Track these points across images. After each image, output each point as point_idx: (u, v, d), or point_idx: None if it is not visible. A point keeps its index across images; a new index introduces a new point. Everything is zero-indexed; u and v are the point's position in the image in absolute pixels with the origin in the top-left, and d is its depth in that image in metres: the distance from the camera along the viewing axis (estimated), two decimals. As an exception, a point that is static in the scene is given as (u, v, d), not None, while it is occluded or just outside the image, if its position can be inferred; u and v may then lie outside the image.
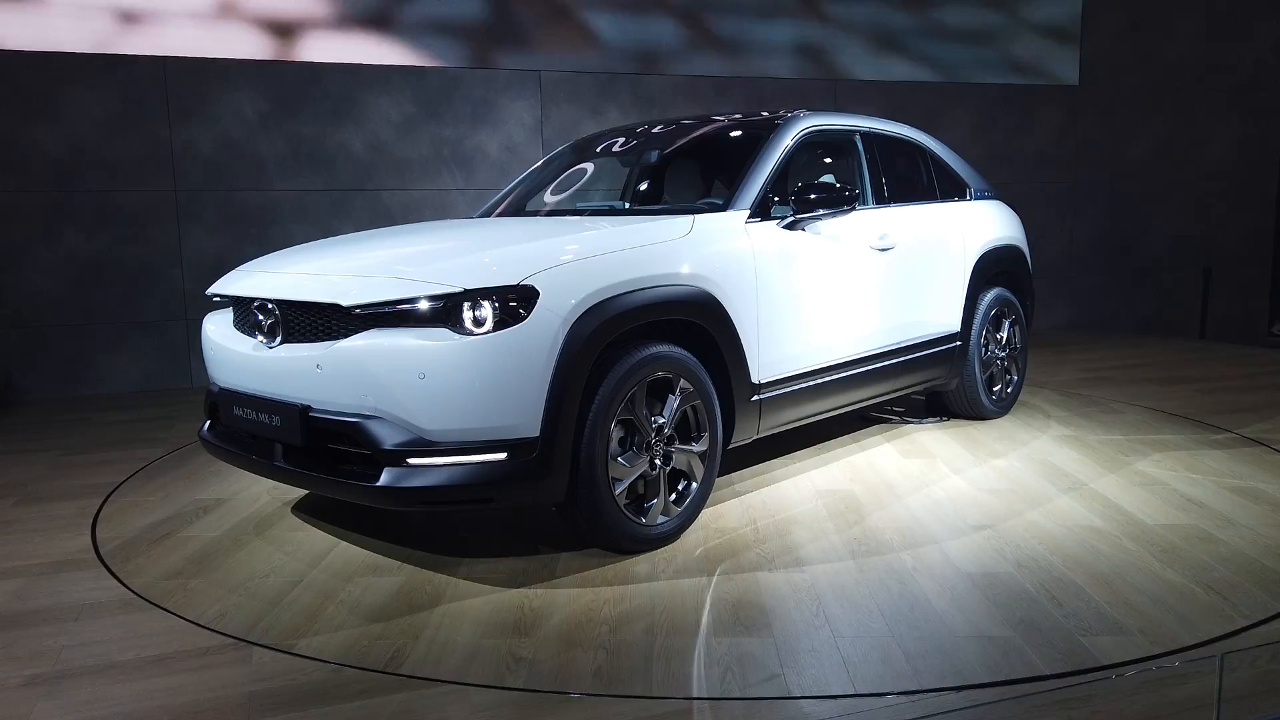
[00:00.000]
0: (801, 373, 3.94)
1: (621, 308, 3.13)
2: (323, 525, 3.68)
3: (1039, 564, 3.16)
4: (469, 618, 2.84)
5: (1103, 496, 3.85)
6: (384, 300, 2.97)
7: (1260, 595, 2.88)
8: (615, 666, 2.52)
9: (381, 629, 2.77)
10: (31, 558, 3.42)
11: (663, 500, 3.35)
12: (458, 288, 2.92)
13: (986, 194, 5.36)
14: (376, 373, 2.93)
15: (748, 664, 2.52)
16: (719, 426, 3.54)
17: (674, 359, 3.32)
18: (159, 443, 5.11)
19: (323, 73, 6.90)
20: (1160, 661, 2.52)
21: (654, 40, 7.74)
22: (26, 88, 6.24)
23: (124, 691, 2.43)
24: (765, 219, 3.82)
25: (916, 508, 3.77)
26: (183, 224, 6.68)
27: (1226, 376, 6.46)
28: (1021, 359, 5.44)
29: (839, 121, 4.49)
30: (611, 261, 3.20)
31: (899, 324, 4.50)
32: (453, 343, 2.88)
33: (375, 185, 7.11)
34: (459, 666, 2.54)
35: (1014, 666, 2.48)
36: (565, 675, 2.48)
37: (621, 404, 3.17)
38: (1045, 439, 4.82)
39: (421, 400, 2.89)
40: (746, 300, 3.62)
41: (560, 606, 2.91)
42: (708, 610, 2.86)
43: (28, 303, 6.38)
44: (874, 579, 3.07)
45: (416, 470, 2.92)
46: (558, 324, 2.97)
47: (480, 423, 2.91)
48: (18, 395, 6.38)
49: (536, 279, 2.97)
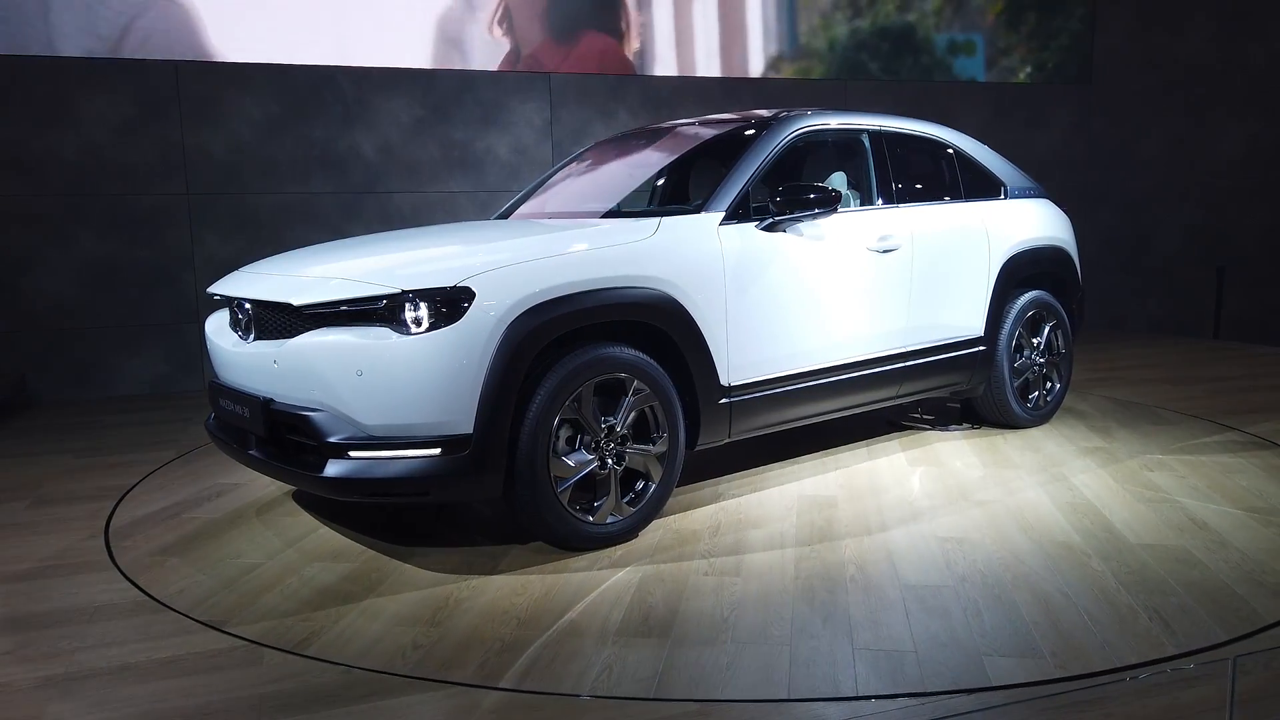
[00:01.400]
0: (780, 376, 3.88)
1: (564, 309, 3.19)
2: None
3: (986, 580, 3.06)
4: (393, 606, 2.96)
5: (1096, 512, 3.70)
6: (329, 300, 3.13)
7: (1209, 624, 2.73)
8: (500, 661, 2.58)
9: (310, 612, 2.92)
10: (45, 559, 3.45)
11: (613, 500, 3.38)
12: (396, 289, 3.04)
13: (1029, 193, 5.15)
14: (320, 369, 3.09)
15: (627, 665, 2.54)
16: (680, 428, 3.55)
17: (625, 360, 3.35)
18: (172, 445, 5.14)
19: (333, 76, 6.93)
20: (1173, 664, 2.51)
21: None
22: (41, 93, 6.29)
23: (136, 693, 2.44)
24: (744, 221, 3.79)
25: (891, 517, 3.69)
26: (195, 227, 6.71)
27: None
28: (1064, 366, 5.19)
29: (843, 120, 4.40)
30: (557, 264, 3.26)
31: (903, 328, 4.38)
32: (389, 341, 3.02)
33: (386, 188, 7.14)
34: (359, 652, 2.65)
35: (895, 682, 2.42)
36: (451, 666, 2.56)
37: (565, 404, 3.22)
38: (1070, 449, 4.64)
39: (360, 396, 3.03)
40: (714, 303, 3.61)
41: (484, 598, 3.01)
42: (624, 610, 2.90)
43: (42, 306, 6.43)
44: (805, 588, 3.04)
45: (357, 463, 3.06)
46: (492, 325, 3.05)
47: (414, 419, 3.03)
48: (32, 398, 6.43)
49: (473, 281, 3.07)
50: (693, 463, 4.51)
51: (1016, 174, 5.17)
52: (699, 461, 4.52)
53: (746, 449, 4.72)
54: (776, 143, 4.04)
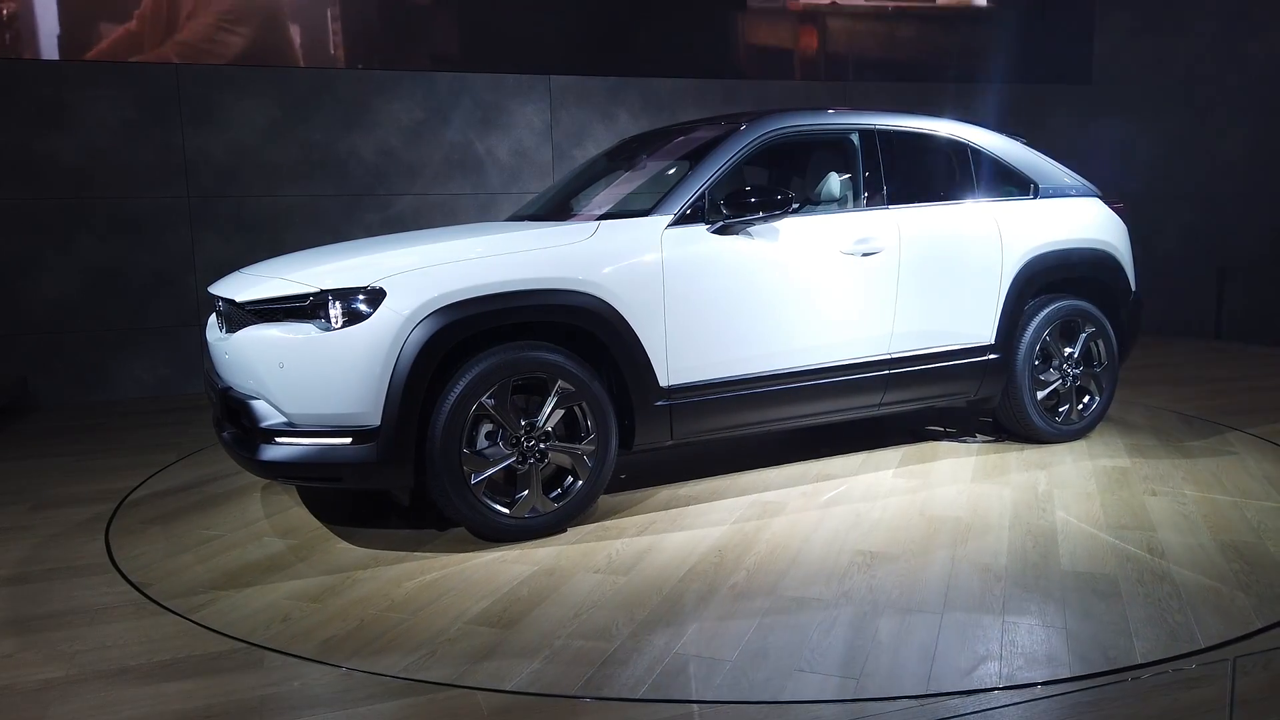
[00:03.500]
0: (728, 380, 3.85)
1: (477, 310, 3.35)
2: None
3: (869, 599, 2.93)
4: (292, 583, 3.20)
5: (1048, 535, 3.46)
6: (265, 298, 3.42)
7: (1016, 662, 2.53)
8: (348, 639, 2.75)
9: (223, 582, 3.18)
10: (46, 562, 3.45)
11: (534, 495, 3.50)
12: (317, 288, 3.30)
13: (1071, 191, 4.84)
14: (253, 360, 3.38)
15: (455, 652, 2.65)
16: (610, 429, 3.62)
17: (545, 361, 3.47)
18: (173, 447, 5.15)
19: (333, 78, 6.94)
20: (1173, 664, 2.51)
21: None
22: (42, 97, 6.30)
23: (137, 695, 2.45)
24: (695, 224, 3.79)
25: (826, 531, 3.56)
26: (196, 230, 6.72)
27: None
28: (1106, 378, 4.81)
29: (824, 121, 4.29)
30: (473, 267, 3.42)
31: (886, 333, 4.21)
32: (308, 336, 3.28)
33: (386, 190, 7.14)
34: (233, 621, 2.86)
35: (686, 690, 2.40)
36: (302, 641, 2.74)
37: (480, 401, 3.36)
38: (1081, 466, 4.32)
39: (283, 386, 3.30)
40: (650, 305, 3.64)
41: (376, 580, 3.20)
42: (490, 601, 3.01)
43: (43, 309, 6.43)
44: (678, 592, 3.05)
45: (282, 448, 3.33)
46: (400, 323, 3.25)
47: (327, 409, 3.27)
48: (33, 401, 6.43)
49: (387, 281, 3.29)
50: (670, 462, 4.54)
51: (1057, 171, 4.89)
52: (676, 461, 4.54)
53: (729, 451, 4.71)
54: (741, 146, 4.01)
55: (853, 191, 4.34)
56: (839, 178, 4.39)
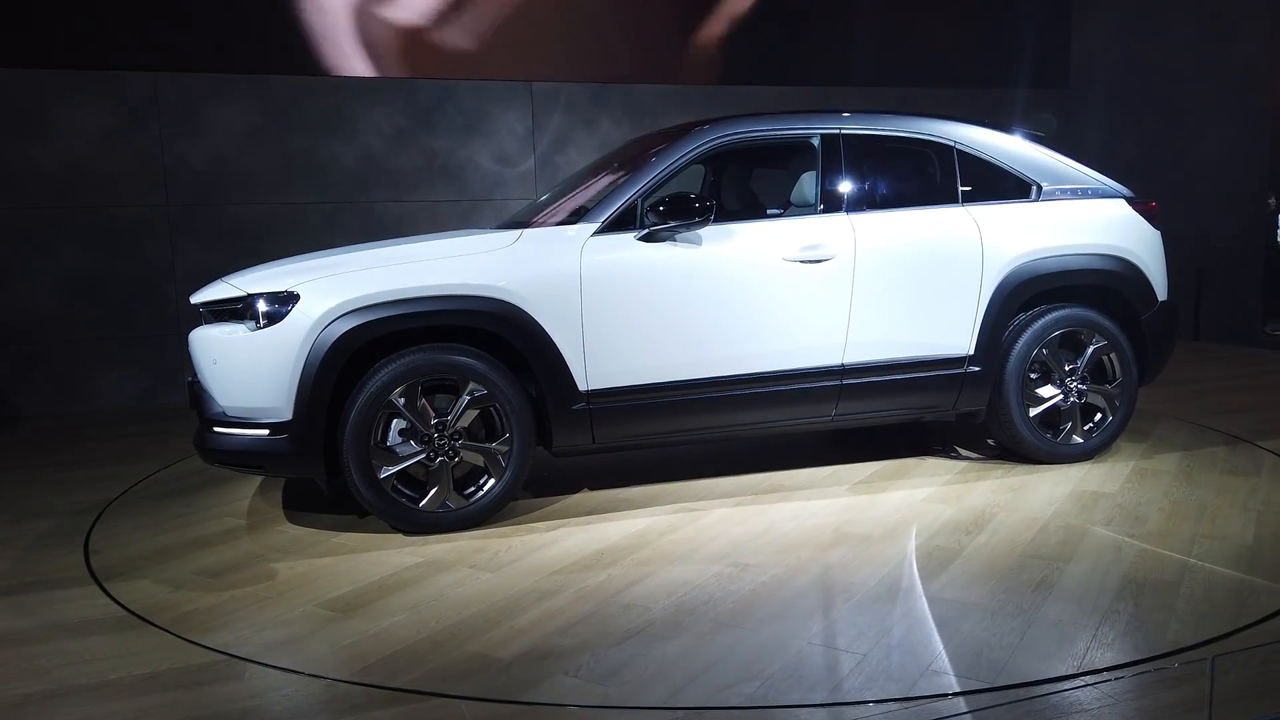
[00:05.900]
0: (653, 385, 3.85)
1: (385, 314, 3.59)
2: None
3: (709, 615, 2.90)
4: (208, 561, 3.50)
5: (944, 559, 3.29)
6: (210, 300, 3.77)
7: (887, 681, 2.47)
8: (198, 617, 2.96)
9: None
10: (24, 575, 3.42)
11: (445, 490, 3.70)
12: (245, 292, 3.64)
13: (1081, 193, 4.53)
14: (198, 356, 3.75)
15: (316, 640, 2.79)
16: (524, 429, 3.76)
17: (455, 363, 3.65)
18: (154, 458, 5.11)
19: (314, 85, 6.92)
20: (1155, 664, 2.53)
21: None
22: (19, 105, 6.25)
23: (116, 709, 2.43)
24: (623, 232, 3.84)
25: (724, 542, 3.52)
26: (176, 239, 6.68)
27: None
28: (1122, 396, 4.44)
29: (777, 126, 4.19)
30: (385, 272, 3.66)
31: (837, 343, 4.06)
32: (235, 336, 3.62)
33: (368, 197, 7.12)
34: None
35: (487, 689, 2.45)
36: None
37: (388, 400, 3.59)
38: (1056, 491, 4.01)
39: (216, 380, 3.67)
40: (566, 311, 3.75)
41: (289, 564, 3.44)
42: (349, 588, 3.18)
43: (21, 319, 6.37)
44: (530, 590, 3.13)
45: (218, 436, 3.69)
46: (310, 325, 3.54)
47: (248, 403, 3.61)
48: (11, 412, 6.37)
49: (301, 286, 3.60)
50: (640, 467, 4.56)
51: (1071, 170, 4.57)
52: (646, 465, 4.57)
53: (702, 457, 4.72)
54: (680, 154, 4.00)
55: (812, 197, 4.20)
56: (796, 183, 4.32)
